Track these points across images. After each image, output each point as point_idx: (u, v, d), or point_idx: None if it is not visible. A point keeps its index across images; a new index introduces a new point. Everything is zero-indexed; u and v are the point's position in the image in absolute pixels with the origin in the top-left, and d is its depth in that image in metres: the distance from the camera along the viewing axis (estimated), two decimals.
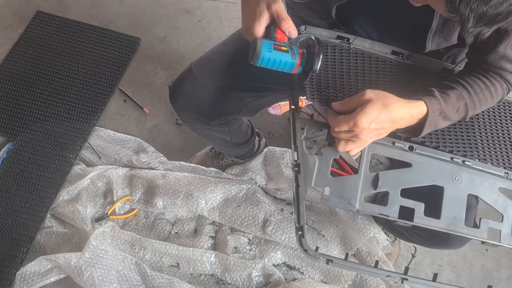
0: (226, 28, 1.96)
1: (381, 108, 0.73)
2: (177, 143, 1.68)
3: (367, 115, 0.72)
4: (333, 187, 0.78)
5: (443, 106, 0.78)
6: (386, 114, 0.73)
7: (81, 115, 1.69)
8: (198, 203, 1.43)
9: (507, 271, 1.52)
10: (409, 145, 0.83)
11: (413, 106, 0.76)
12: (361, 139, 0.75)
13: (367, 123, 0.72)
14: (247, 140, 1.41)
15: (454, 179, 0.83)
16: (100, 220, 1.44)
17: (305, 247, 0.73)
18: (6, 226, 1.44)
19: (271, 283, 1.36)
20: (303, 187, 0.76)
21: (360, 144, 0.78)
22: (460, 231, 0.80)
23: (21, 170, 1.54)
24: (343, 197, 0.78)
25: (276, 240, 1.40)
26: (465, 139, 0.88)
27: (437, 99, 0.78)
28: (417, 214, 0.79)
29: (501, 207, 0.84)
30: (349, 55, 0.92)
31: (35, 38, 1.87)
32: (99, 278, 1.26)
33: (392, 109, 0.74)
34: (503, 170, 0.86)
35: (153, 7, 2.03)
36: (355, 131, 0.74)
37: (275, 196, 1.52)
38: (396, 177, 0.82)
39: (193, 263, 1.37)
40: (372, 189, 0.80)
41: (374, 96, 0.74)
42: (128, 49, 1.87)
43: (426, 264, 1.50)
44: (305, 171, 0.77)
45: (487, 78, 0.84)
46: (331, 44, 0.93)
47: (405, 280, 0.76)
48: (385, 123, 0.74)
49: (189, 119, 1.16)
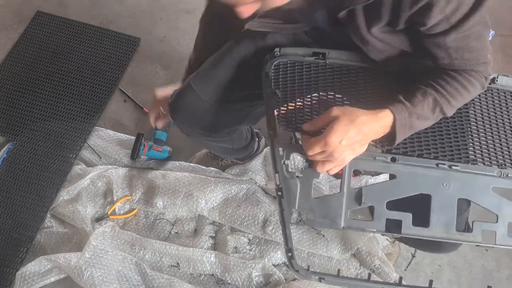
0: None
1: (348, 124, 0.74)
2: (177, 143, 1.68)
3: (336, 133, 0.73)
4: (317, 207, 0.79)
5: (409, 107, 0.78)
6: (354, 129, 0.74)
7: (81, 115, 1.69)
8: (198, 203, 1.43)
9: (507, 271, 1.52)
10: (391, 156, 0.83)
11: (380, 115, 0.77)
12: (336, 158, 0.76)
13: (338, 141, 0.73)
14: (247, 144, 1.41)
15: (441, 185, 0.82)
16: (100, 220, 1.44)
17: (296, 268, 0.75)
18: (6, 226, 1.44)
19: (271, 283, 1.36)
20: (287, 210, 0.77)
21: (338, 163, 0.79)
22: (452, 238, 0.80)
23: (21, 170, 1.54)
24: (328, 216, 0.79)
25: (276, 240, 1.40)
26: (453, 142, 0.86)
27: (402, 104, 0.78)
28: (405, 225, 0.79)
29: (495, 208, 0.82)
30: (325, 71, 0.91)
31: (35, 38, 1.87)
32: (99, 278, 1.26)
33: (359, 123, 0.74)
34: (496, 169, 0.84)
35: (153, 7, 2.03)
36: (328, 151, 0.75)
37: (275, 196, 1.52)
38: (381, 190, 0.81)
39: (193, 263, 1.37)
40: (356, 205, 0.80)
41: (340, 112, 0.75)
42: (128, 49, 1.88)
43: (426, 264, 1.50)
44: (288, 195, 0.79)
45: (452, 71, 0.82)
46: (306, 63, 0.92)
47: None
48: (355, 137, 0.75)
49: (192, 133, 1.14)
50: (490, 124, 0.90)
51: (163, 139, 1.62)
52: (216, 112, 1.05)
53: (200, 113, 1.06)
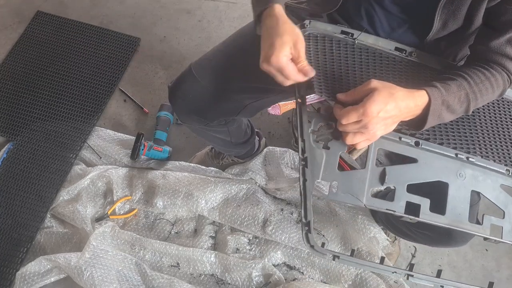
0: (226, 28, 1.96)
1: (387, 96, 0.73)
2: (177, 143, 1.68)
3: (376, 102, 0.72)
4: (341, 182, 0.77)
5: (444, 95, 0.78)
6: (392, 102, 0.73)
7: (81, 115, 1.69)
8: (198, 203, 1.43)
9: (507, 271, 1.52)
10: (415, 140, 0.83)
11: (416, 94, 0.77)
12: (369, 129, 0.74)
13: (376, 111, 0.72)
14: (246, 140, 1.41)
15: (458, 175, 0.83)
16: (100, 220, 1.44)
17: (311, 243, 0.71)
18: (6, 226, 1.44)
19: (271, 283, 1.36)
20: (311, 181, 0.74)
21: (369, 137, 0.77)
22: (464, 227, 0.80)
23: (21, 170, 1.54)
24: (351, 192, 0.77)
25: (276, 240, 1.40)
26: (468, 135, 0.88)
27: (438, 89, 0.78)
28: (423, 210, 0.79)
29: (502, 204, 0.84)
30: (354, 50, 0.91)
31: (35, 38, 1.87)
32: (99, 278, 1.26)
33: (397, 97, 0.74)
34: (505, 167, 0.86)
35: (153, 7, 2.03)
36: (363, 121, 0.73)
37: (275, 196, 1.52)
38: (403, 172, 0.81)
39: (193, 263, 1.37)
40: (379, 184, 0.79)
41: (380, 85, 0.75)
42: (128, 49, 1.88)
43: (426, 264, 1.50)
44: (312, 165, 0.76)
45: (487, 70, 0.84)
46: (335, 39, 0.92)
47: (411, 277, 0.75)
48: (392, 111, 0.74)
49: (188, 120, 1.15)
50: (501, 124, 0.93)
51: (163, 139, 1.62)
52: (214, 99, 1.06)
53: (198, 99, 1.07)
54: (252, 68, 1.00)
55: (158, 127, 1.64)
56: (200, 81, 1.04)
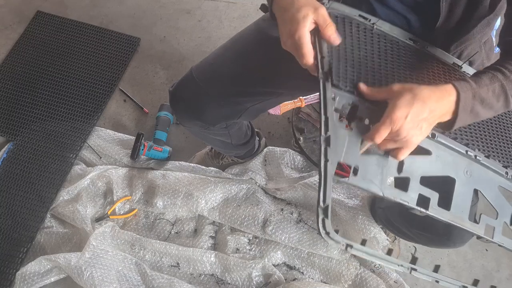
0: (226, 28, 1.96)
1: (411, 99, 0.69)
2: (177, 143, 1.68)
3: (399, 107, 0.68)
4: (362, 166, 0.71)
5: (475, 87, 0.73)
6: (418, 103, 0.69)
7: (81, 115, 1.69)
8: (198, 203, 1.43)
9: (507, 271, 1.52)
10: (431, 132, 0.79)
11: (443, 89, 0.72)
12: (402, 136, 0.70)
13: (403, 116, 0.68)
14: (247, 141, 1.41)
15: (465, 172, 0.82)
16: (100, 220, 1.44)
17: (327, 229, 0.64)
18: (6, 226, 1.44)
19: (271, 283, 1.36)
20: (333, 162, 0.67)
21: (405, 145, 0.72)
22: (465, 225, 0.79)
23: (21, 170, 1.54)
24: (369, 177, 0.72)
25: (276, 240, 1.40)
26: (478, 133, 0.87)
27: (467, 82, 0.73)
28: (432, 204, 0.76)
29: (498, 205, 0.84)
30: (373, 36, 0.87)
31: (35, 38, 1.87)
32: (99, 278, 1.26)
33: (422, 97, 0.69)
34: (504, 169, 0.86)
35: (153, 7, 2.03)
36: (393, 129, 0.69)
37: (275, 196, 1.52)
38: (418, 163, 0.78)
39: (193, 263, 1.37)
40: (396, 173, 0.75)
41: (401, 88, 0.71)
42: (128, 49, 1.88)
43: (426, 264, 1.50)
44: (335, 145, 0.69)
45: None
46: (355, 22, 0.87)
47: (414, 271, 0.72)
48: (421, 113, 0.69)
49: (190, 124, 1.15)
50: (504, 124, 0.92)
51: (163, 139, 1.62)
52: (215, 104, 1.06)
53: (199, 104, 1.06)
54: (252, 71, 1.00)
55: (158, 127, 1.64)
56: (202, 85, 1.04)
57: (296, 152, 1.59)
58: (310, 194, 1.48)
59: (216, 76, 1.04)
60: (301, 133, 1.59)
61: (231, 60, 1.03)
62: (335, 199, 1.46)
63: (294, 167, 1.57)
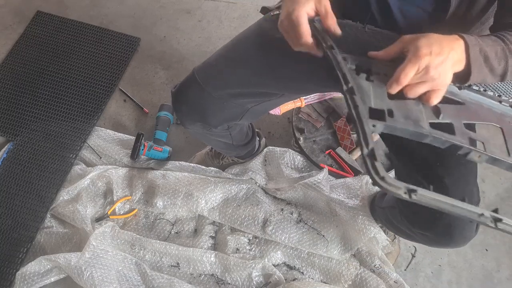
0: (226, 28, 1.96)
1: (426, 39, 0.67)
2: (177, 143, 1.68)
3: (421, 46, 0.66)
4: (396, 109, 0.68)
5: (481, 43, 0.70)
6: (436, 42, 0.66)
7: (81, 115, 1.69)
8: (198, 203, 1.43)
9: (507, 271, 1.52)
10: (458, 85, 0.78)
11: (447, 36, 0.70)
12: (432, 74, 0.66)
13: (427, 52, 0.65)
14: (247, 141, 1.41)
15: (506, 121, 0.78)
16: (100, 220, 1.44)
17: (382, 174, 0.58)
18: (6, 226, 1.44)
19: (271, 283, 1.36)
20: (363, 106, 0.65)
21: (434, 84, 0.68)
22: None
23: (21, 170, 1.54)
24: (411, 118, 0.68)
25: (276, 240, 1.40)
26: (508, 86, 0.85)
27: (473, 36, 0.71)
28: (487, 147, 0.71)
29: None
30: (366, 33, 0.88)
31: (35, 38, 1.87)
32: (99, 278, 1.26)
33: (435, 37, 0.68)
34: None
35: (153, 7, 2.03)
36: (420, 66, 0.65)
37: (275, 196, 1.52)
38: (456, 111, 0.74)
39: (193, 263, 1.37)
40: (434, 117, 0.71)
41: (414, 36, 0.69)
42: (128, 49, 1.88)
43: (426, 264, 1.50)
44: (360, 93, 0.67)
45: None
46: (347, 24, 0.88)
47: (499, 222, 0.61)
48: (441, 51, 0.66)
49: (192, 125, 1.14)
50: None
51: (163, 139, 1.62)
52: (218, 105, 1.06)
53: (202, 105, 1.06)
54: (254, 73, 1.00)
55: (158, 127, 1.64)
56: (204, 87, 1.03)
57: (296, 152, 1.59)
58: (310, 194, 1.48)
59: (219, 78, 1.03)
60: (301, 133, 1.59)
61: (233, 61, 1.03)
62: (335, 199, 1.46)
63: (294, 167, 1.57)
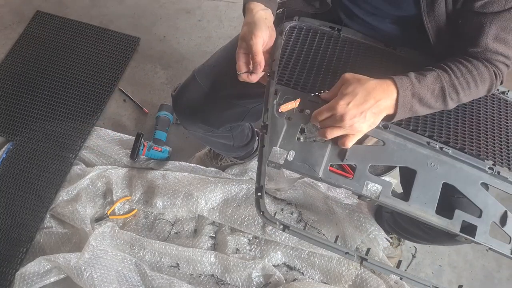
0: (226, 28, 1.96)
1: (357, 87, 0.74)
2: (176, 143, 1.68)
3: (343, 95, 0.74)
4: (299, 152, 0.78)
5: (416, 86, 0.76)
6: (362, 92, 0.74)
7: (81, 115, 1.69)
8: (198, 203, 1.43)
9: (507, 271, 1.51)
10: (384, 123, 0.82)
11: (383, 81, 0.76)
12: (346, 123, 0.74)
13: (345, 103, 0.73)
14: (248, 142, 1.41)
15: (429, 164, 0.81)
16: (99, 220, 1.44)
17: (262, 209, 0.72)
18: (5, 226, 1.44)
19: (271, 283, 1.35)
20: (268, 147, 0.77)
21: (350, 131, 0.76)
22: (428, 218, 0.77)
23: (20, 170, 1.54)
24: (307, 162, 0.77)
25: (276, 240, 1.40)
26: (452, 127, 0.86)
27: (409, 79, 0.77)
28: (384, 193, 0.77)
29: (480, 203, 0.80)
30: (337, 43, 0.93)
31: (35, 38, 1.87)
32: (99, 278, 1.26)
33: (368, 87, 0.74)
34: (488, 165, 0.83)
35: (153, 7, 2.02)
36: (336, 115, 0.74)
37: (275, 196, 1.51)
38: (367, 152, 0.80)
39: (193, 264, 1.37)
40: (338, 160, 0.79)
41: (351, 77, 0.76)
42: (127, 49, 1.87)
43: (427, 264, 1.50)
44: (272, 133, 0.79)
45: (470, 63, 0.81)
46: (321, 31, 0.95)
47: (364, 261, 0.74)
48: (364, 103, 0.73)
49: (194, 127, 1.14)
50: (492, 122, 0.90)
51: (163, 139, 1.62)
52: (220, 107, 1.05)
53: (204, 107, 1.06)
54: None
55: (157, 127, 1.63)
56: (205, 88, 1.03)
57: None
58: (309, 192, 1.48)
59: (219, 79, 1.03)
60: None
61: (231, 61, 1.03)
62: (333, 197, 1.47)
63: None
